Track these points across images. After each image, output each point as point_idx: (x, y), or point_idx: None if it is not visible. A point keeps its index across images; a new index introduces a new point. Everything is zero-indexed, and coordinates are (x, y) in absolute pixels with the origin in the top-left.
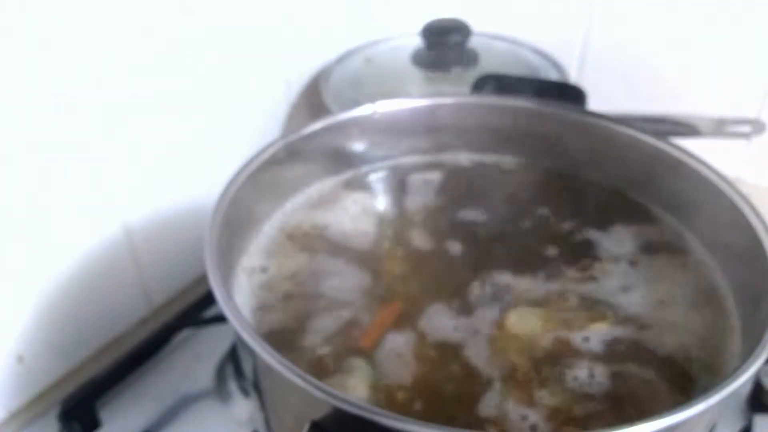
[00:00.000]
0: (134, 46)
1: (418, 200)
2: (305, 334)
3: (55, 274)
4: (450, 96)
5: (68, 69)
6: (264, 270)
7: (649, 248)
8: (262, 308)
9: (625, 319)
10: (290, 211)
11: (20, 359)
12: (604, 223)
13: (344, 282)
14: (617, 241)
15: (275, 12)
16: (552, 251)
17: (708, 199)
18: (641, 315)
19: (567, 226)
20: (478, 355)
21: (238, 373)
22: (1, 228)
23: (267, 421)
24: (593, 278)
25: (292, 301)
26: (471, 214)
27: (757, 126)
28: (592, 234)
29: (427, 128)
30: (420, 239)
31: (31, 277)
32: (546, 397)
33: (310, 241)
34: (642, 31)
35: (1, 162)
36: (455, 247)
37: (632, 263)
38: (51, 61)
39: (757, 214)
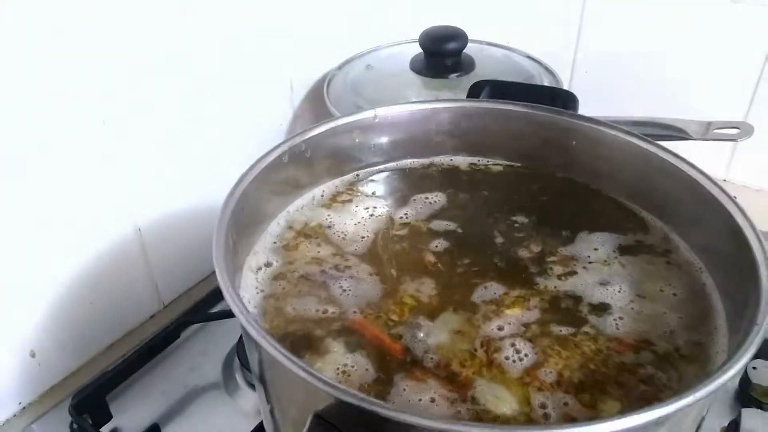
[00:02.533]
0: (146, 53)
1: (416, 205)
2: (294, 322)
3: (68, 272)
4: (447, 101)
5: (71, 70)
6: (269, 267)
7: (636, 249)
8: (265, 303)
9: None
10: (294, 211)
11: (33, 354)
12: (591, 224)
13: (342, 283)
14: (603, 242)
15: (280, 20)
16: (538, 253)
17: (696, 201)
18: (626, 314)
19: (555, 228)
20: None
21: (245, 366)
22: (16, 228)
23: (272, 413)
24: (574, 274)
25: (292, 298)
26: (467, 219)
27: (744, 129)
28: (580, 235)
29: (425, 132)
30: (416, 244)
31: (44, 275)
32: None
33: (313, 241)
34: (631, 38)
35: (16, 164)
36: (452, 255)
37: (619, 264)
38: (55, 61)
39: (744, 215)
